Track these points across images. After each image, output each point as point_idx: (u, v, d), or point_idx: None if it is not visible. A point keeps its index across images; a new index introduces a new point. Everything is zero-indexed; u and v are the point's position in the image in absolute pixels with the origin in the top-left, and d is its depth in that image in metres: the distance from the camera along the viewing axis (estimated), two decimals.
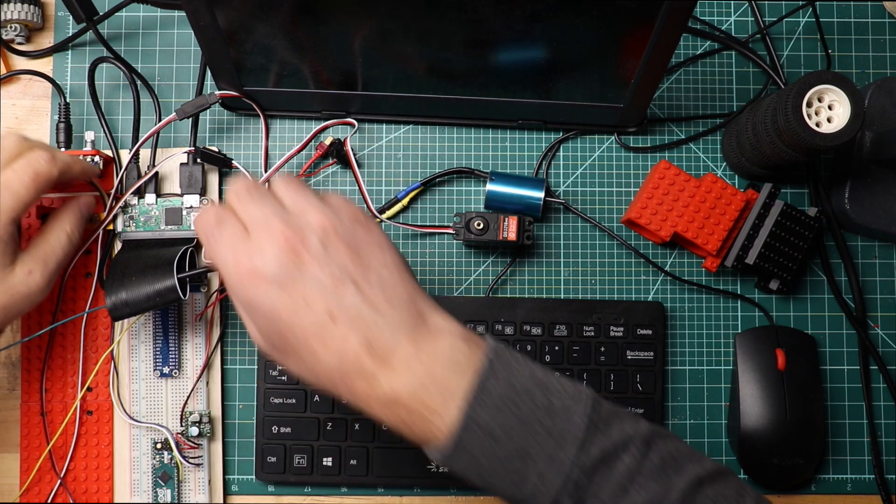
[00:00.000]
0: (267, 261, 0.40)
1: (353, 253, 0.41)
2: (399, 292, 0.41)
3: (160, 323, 0.58)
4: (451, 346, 0.40)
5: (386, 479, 0.58)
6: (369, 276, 0.41)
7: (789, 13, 0.62)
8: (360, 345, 0.39)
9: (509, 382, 0.40)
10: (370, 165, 0.61)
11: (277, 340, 0.41)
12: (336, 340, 0.39)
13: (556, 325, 0.59)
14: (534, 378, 0.41)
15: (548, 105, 0.57)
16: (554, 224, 0.61)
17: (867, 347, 0.60)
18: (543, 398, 0.40)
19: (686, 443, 0.43)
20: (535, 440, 0.39)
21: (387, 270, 0.42)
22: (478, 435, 0.39)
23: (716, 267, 0.59)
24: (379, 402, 0.40)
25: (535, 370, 0.41)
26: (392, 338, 0.40)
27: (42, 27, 0.61)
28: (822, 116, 0.52)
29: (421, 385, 0.39)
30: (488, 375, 0.40)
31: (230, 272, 0.41)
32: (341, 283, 0.40)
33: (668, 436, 0.42)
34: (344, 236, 0.41)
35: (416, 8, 0.47)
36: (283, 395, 0.58)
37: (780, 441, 0.57)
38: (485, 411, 0.39)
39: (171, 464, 0.57)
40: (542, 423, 0.39)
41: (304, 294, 0.39)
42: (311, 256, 0.40)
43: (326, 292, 0.40)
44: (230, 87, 0.56)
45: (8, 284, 0.49)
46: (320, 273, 0.40)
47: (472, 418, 0.39)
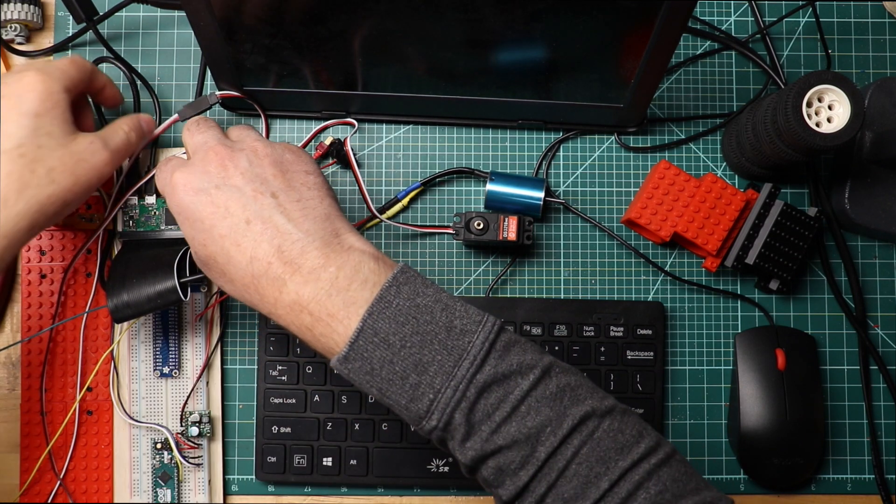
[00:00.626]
0: (196, 171, 0.45)
1: (278, 171, 0.45)
2: (317, 209, 0.45)
3: (160, 323, 0.58)
4: (360, 262, 0.43)
5: (386, 479, 0.58)
6: (289, 192, 0.45)
7: (789, 13, 0.62)
8: (270, 249, 0.42)
9: (412, 299, 0.42)
10: (370, 165, 0.61)
11: (202, 250, 0.44)
12: (249, 242, 0.43)
13: (556, 325, 0.59)
14: (438, 300, 0.42)
15: (548, 105, 0.57)
16: (554, 224, 0.61)
17: (867, 347, 0.60)
18: (445, 317, 0.41)
19: (593, 384, 0.43)
20: (432, 355, 0.41)
21: (308, 190, 0.45)
22: (374, 342, 0.41)
23: (716, 267, 0.59)
24: (285, 307, 0.42)
25: (443, 295, 0.43)
26: (302, 247, 0.43)
27: (42, 27, 0.61)
28: (822, 116, 0.52)
29: (325, 293, 0.42)
30: (390, 289, 0.41)
31: (165, 183, 0.46)
32: (261, 194, 0.44)
33: (572, 371, 0.43)
34: (272, 157, 0.46)
35: (417, 8, 0.47)
36: (283, 395, 0.58)
37: (780, 441, 0.57)
38: (384, 321, 0.41)
39: (171, 464, 0.57)
40: (440, 338, 0.41)
41: (225, 201, 0.44)
42: (237, 170, 0.44)
43: (246, 200, 0.43)
44: (230, 87, 0.56)
45: (73, 150, 0.47)
46: (243, 184, 0.44)
47: (371, 325, 0.41)
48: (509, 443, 0.40)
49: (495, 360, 0.41)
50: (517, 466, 0.40)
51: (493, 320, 0.42)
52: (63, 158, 0.46)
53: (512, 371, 0.41)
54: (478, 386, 0.40)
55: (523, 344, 0.43)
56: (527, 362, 0.41)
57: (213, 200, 0.44)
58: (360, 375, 0.41)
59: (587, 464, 0.40)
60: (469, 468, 0.42)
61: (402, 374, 0.41)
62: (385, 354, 0.41)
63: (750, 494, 0.60)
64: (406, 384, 0.41)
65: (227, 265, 0.44)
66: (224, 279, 0.45)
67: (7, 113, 0.45)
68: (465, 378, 0.40)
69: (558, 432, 0.40)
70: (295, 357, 0.58)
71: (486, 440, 0.40)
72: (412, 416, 0.41)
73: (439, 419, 0.40)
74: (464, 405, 0.40)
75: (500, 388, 0.40)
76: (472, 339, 0.41)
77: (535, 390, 0.41)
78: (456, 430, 0.41)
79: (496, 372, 0.40)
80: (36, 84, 0.46)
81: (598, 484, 0.39)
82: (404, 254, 0.61)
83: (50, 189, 0.46)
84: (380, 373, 0.41)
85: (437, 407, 0.40)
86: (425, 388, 0.40)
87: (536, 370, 0.41)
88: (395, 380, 0.41)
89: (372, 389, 0.42)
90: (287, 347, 0.58)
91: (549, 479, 0.40)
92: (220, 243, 0.43)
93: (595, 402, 0.41)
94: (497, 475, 0.41)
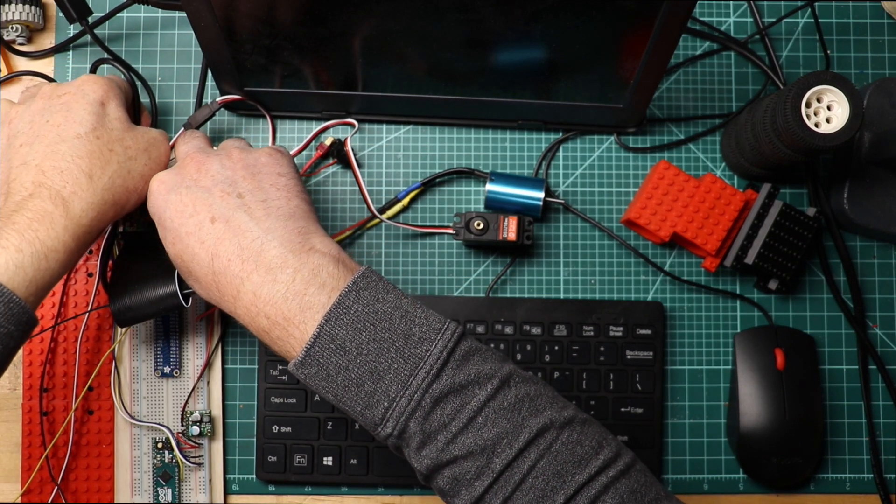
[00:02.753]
0: (171, 175, 0.47)
1: (249, 174, 0.46)
2: (282, 209, 0.45)
3: (161, 323, 0.58)
4: (319, 265, 0.42)
5: (386, 478, 0.58)
6: (256, 192, 0.45)
7: (788, 14, 0.62)
8: (231, 246, 0.43)
9: (371, 305, 0.41)
10: (370, 165, 0.62)
11: (171, 248, 0.46)
12: (211, 239, 0.43)
13: (556, 325, 0.59)
14: (399, 307, 0.42)
15: (548, 105, 0.57)
16: (554, 224, 0.61)
17: (866, 347, 0.60)
18: (403, 325, 0.41)
19: (554, 393, 0.43)
20: (388, 363, 0.40)
21: (276, 190, 0.46)
22: (330, 348, 0.41)
23: (715, 267, 0.59)
24: (243, 308, 0.43)
25: (404, 301, 0.42)
26: (261, 244, 0.43)
27: (43, 28, 0.61)
28: (821, 117, 0.53)
29: (281, 296, 0.42)
30: (349, 295, 0.41)
31: (149, 190, 0.47)
32: (228, 194, 0.45)
33: (532, 381, 0.43)
34: (245, 161, 0.47)
35: (417, 8, 0.47)
36: (283, 395, 0.58)
37: (780, 440, 0.58)
38: (341, 327, 0.41)
39: (171, 463, 0.57)
40: (398, 346, 0.41)
41: (192, 200, 0.45)
42: (208, 173, 0.46)
43: (212, 200, 0.44)
44: (231, 88, 0.56)
45: (142, 133, 0.50)
46: (211, 185, 0.45)
47: (327, 331, 0.41)
48: (465, 454, 0.40)
49: (453, 369, 0.40)
50: (472, 477, 0.40)
51: (453, 328, 0.42)
52: (136, 139, 0.49)
53: (469, 381, 0.40)
54: (433, 395, 0.40)
55: (484, 353, 0.42)
56: (485, 372, 0.41)
57: (181, 199, 0.45)
58: (316, 381, 0.41)
59: (543, 477, 0.40)
60: (425, 476, 0.42)
61: (358, 382, 0.41)
62: (341, 361, 0.41)
63: (749, 494, 0.60)
64: (361, 391, 0.41)
65: (192, 263, 0.44)
66: (191, 278, 0.45)
67: (75, 103, 0.48)
68: (420, 387, 0.40)
69: (514, 445, 0.40)
70: None
71: (442, 450, 0.40)
72: (367, 423, 0.41)
73: (394, 427, 0.40)
74: (419, 414, 0.40)
75: (457, 398, 0.40)
76: (429, 347, 0.41)
77: (492, 401, 0.40)
78: (411, 438, 0.40)
79: (453, 382, 0.40)
80: (95, 79, 0.50)
81: (554, 498, 0.39)
82: (404, 254, 0.61)
83: (129, 165, 0.48)
84: (335, 379, 0.41)
85: (391, 415, 0.40)
86: (380, 396, 0.40)
87: (495, 380, 0.41)
88: (350, 387, 0.41)
89: (328, 395, 0.42)
90: None
91: (505, 492, 0.40)
92: (186, 241, 0.44)
93: (554, 413, 0.41)
94: (452, 485, 0.41)
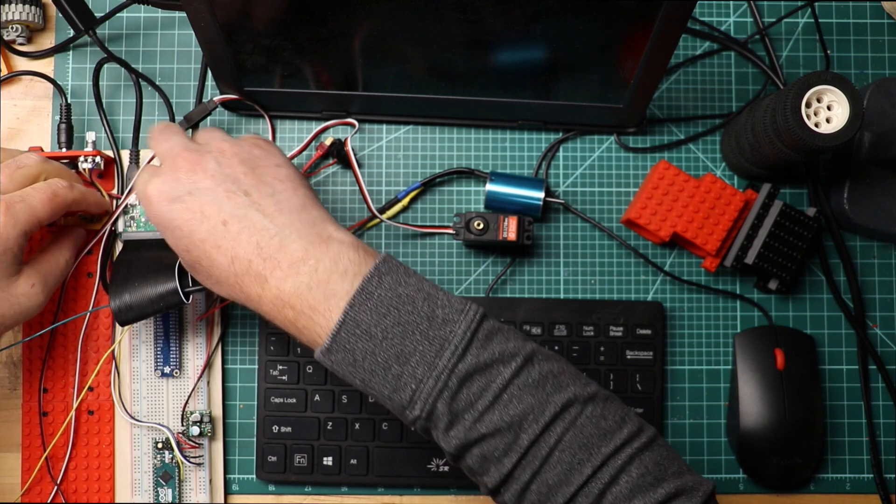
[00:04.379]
0: (167, 181, 0.45)
1: (248, 169, 0.45)
2: (291, 201, 0.45)
3: (161, 323, 0.58)
4: (340, 252, 0.43)
5: (386, 478, 0.58)
6: (261, 188, 0.45)
7: (788, 14, 0.62)
8: (250, 247, 0.43)
9: (394, 289, 0.42)
10: (370, 165, 0.62)
11: (186, 256, 0.45)
12: (228, 242, 0.43)
13: (556, 325, 0.59)
14: (421, 289, 0.42)
15: (548, 105, 0.58)
16: (554, 224, 0.61)
17: (866, 347, 0.60)
18: (426, 307, 0.42)
19: (576, 370, 0.43)
20: (414, 345, 0.41)
21: (280, 183, 0.45)
22: (356, 333, 0.41)
23: (715, 267, 0.59)
24: (269, 303, 0.43)
25: (425, 284, 0.43)
26: (280, 241, 0.43)
27: (43, 28, 0.61)
28: (821, 117, 0.53)
29: (306, 286, 0.42)
30: (372, 280, 0.41)
31: (141, 197, 0.46)
32: (234, 193, 0.44)
33: (554, 358, 0.43)
34: (240, 156, 0.46)
35: (417, 9, 0.47)
36: (283, 395, 0.58)
37: (780, 440, 0.58)
38: (365, 313, 0.41)
39: (172, 463, 0.57)
40: (422, 329, 0.41)
41: (199, 206, 0.43)
42: (207, 174, 0.44)
43: (219, 202, 0.44)
44: (230, 88, 0.56)
45: (11, 293, 0.50)
46: (215, 187, 0.44)
47: (352, 317, 0.41)
48: (492, 431, 0.40)
49: (477, 349, 0.41)
50: (501, 454, 0.41)
51: (475, 309, 0.42)
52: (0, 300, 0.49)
53: (494, 360, 0.41)
54: (459, 375, 0.40)
55: (506, 332, 0.43)
56: (509, 350, 0.42)
57: (187, 207, 0.44)
58: (344, 367, 0.42)
59: (570, 450, 0.40)
60: (454, 456, 0.42)
61: (385, 365, 0.41)
62: (367, 346, 0.41)
63: (749, 494, 0.60)
64: (388, 375, 0.41)
65: (211, 268, 0.44)
66: (211, 281, 0.45)
67: None
68: (446, 368, 0.40)
69: (541, 420, 0.40)
70: (295, 357, 0.59)
71: (470, 429, 0.41)
72: (395, 406, 0.42)
73: (422, 409, 0.41)
74: (446, 395, 0.40)
75: (483, 377, 0.41)
76: (454, 328, 0.41)
77: (517, 378, 0.41)
78: (439, 419, 0.41)
79: (478, 361, 0.41)
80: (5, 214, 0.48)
81: (582, 470, 0.40)
82: (404, 254, 0.61)
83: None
84: (362, 364, 0.41)
85: (419, 397, 0.41)
86: (407, 378, 0.41)
87: (519, 358, 0.41)
88: (377, 371, 0.41)
89: (355, 380, 0.42)
90: (287, 347, 0.59)
91: (533, 466, 0.40)
92: (202, 248, 0.44)
93: (577, 389, 0.42)
94: (481, 463, 0.41)
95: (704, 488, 0.41)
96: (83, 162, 0.56)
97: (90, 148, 0.58)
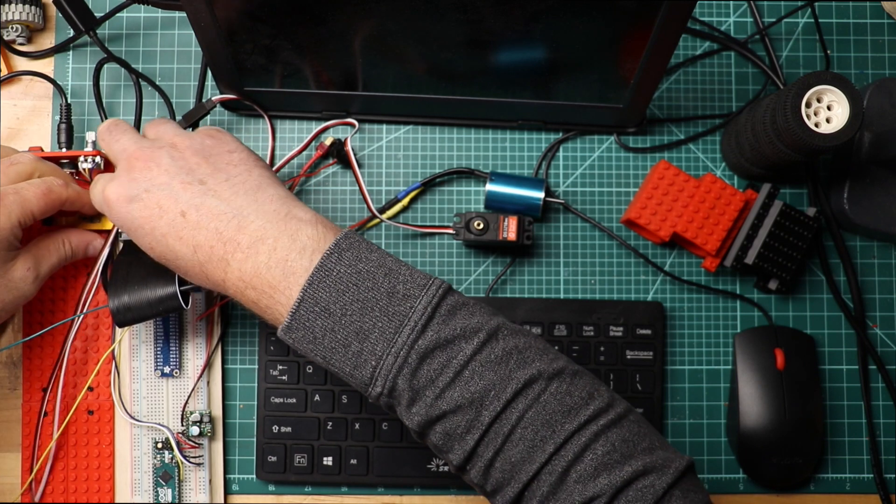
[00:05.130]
0: (123, 182, 0.45)
1: (202, 159, 0.45)
2: (247, 182, 0.45)
3: (161, 323, 0.58)
4: (298, 229, 0.43)
5: (386, 478, 0.58)
6: (216, 175, 0.45)
7: (788, 14, 0.62)
8: (209, 233, 0.43)
9: (353, 266, 0.41)
10: (370, 165, 0.62)
11: (152, 253, 0.45)
12: (188, 232, 0.43)
13: (556, 325, 0.59)
14: (382, 265, 0.42)
15: (548, 105, 0.58)
16: (554, 224, 0.61)
17: (866, 347, 0.60)
18: (387, 283, 0.41)
19: (545, 344, 0.43)
20: (373, 322, 0.41)
21: (234, 168, 0.45)
22: (315, 311, 0.41)
23: (715, 267, 0.59)
24: (232, 286, 0.43)
25: (388, 259, 0.42)
26: (238, 223, 0.43)
27: (43, 28, 0.61)
28: (821, 117, 0.53)
29: (265, 266, 0.42)
30: (331, 257, 0.41)
31: (101, 203, 0.46)
32: (189, 184, 0.44)
33: (522, 333, 0.43)
34: (193, 147, 0.46)
35: (417, 9, 0.47)
36: (283, 395, 0.58)
37: (780, 440, 0.58)
38: (324, 290, 0.41)
39: (171, 463, 0.57)
40: (381, 305, 0.41)
41: (157, 201, 0.44)
42: (161, 169, 0.45)
43: (176, 194, 0.44)
44: (231, 88, 0.56)
45: (8, 279, 0.50)
46: (169, 181, 0.44)
47: (311, 295, 0.41)
48: (453, 408, 0.40)
49: (438, 324, 0.41)
50: (463, 431, 0.40)
51: (438, 283, 0.42)
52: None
53: (455, 335, 0.41)
54: (419, 352, 0.40)
55: (471, 307, 0.42)
56: (472, 326, 0.41)
57: (145, 204, 0.44)
58: (304, 344, 0.42)
59: (532, 427, 0.40)
60: (418, 434, 0.42)
61: (344, 342, 0.41)
62: (326, 323, 0.41)
63: (749, 494, 0.60)
64: (348, 352, 0.41)
65: (177, 260, 0.44)
66: (180, 273, 0.46)
67: None
68: (405, 344, 0.40)
69: (502, 396, 0.40)
70: (295, 357, 0.59)
71: (431, 405, 0.40)
72: (358, 384, 0.42)
73: (383, 386, 0.41)
74: (406, 371, 0.40)
75: (444, 353, 0.40)
76: (413, 304, 0.41)
77: (479, 354, 0.41)
78: (401, 395, 0.41)
79: (438, 337, 0.40)
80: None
81: (544, 447, 0.40)
82: (404, 254, 0.61)
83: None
84: (322, 341, 0.41)
85: (379, 374, 0.41)
86: (367, 355, 0.41)
87: (482, 334, 0.41)
88: (337, 348, 0.41)
89: (317, 358, 0.42)
90: (287, 347, 0.59)
91: (496, 443, 0.40)
92: (164, 242, 0.44)
93: (542, 365, 0.41)
94: (445, 440, 0.41)
95: (677, 464, 0.40)
96: (83, 162, 0.56)
97: (90, 148, 0.58)
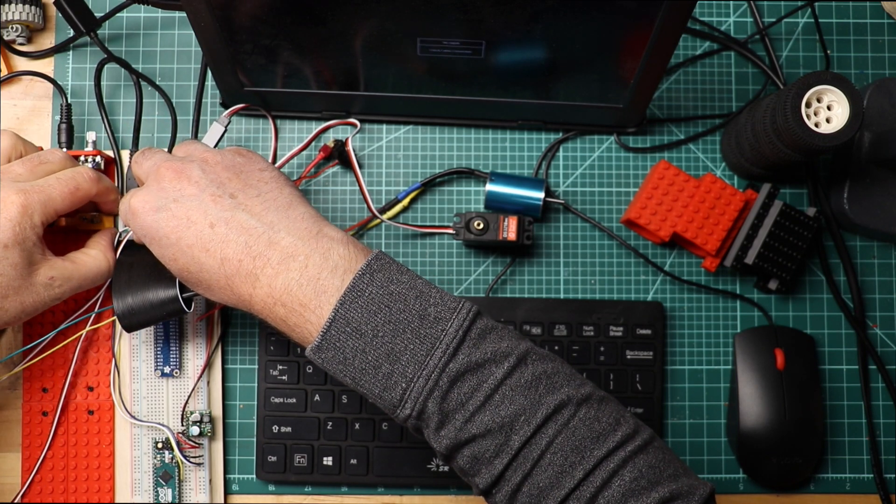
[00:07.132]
0: (152, 192, 0.45)
1: (233, 174, 0.45)
2: (278, 199, 0.45)
3: (161, 323, 0.58)
4: (329, 248, 0.42)
5: (386, 478, 0.58)
6: (247, 190, 0.45)
7: (788, 14, 0.62)
8: (238, 247, 0.42)
9: (385, 287, 0.41)
10: (371, 166, 0.62)
11: (174, 264, 0.44)
12: (216, 245, 0.43)
13: (556, 324, 0.59)
14: (413, 287, 0.42)
15: (547, 105, 0.58)
16: (554, 224, 0.61)
17: (866, 347, 0.60)
18: (418, 305, 0.41)
19: (572, 370, 0.43)
20: (405, 344, 0.41)
21: (265, 184, 0.45)
22: (346, 331, 0.41)
23: (715, 267, 0.59)
24: (260, 302, 0.43)
25: (418, 282, 0.42)
26: (269, 238, 0.42)
27: (43, 28, 0.61)
28: (821, 117, 0.53)
29: (296, 282, 0.42)
30: (363, 277, 0.41)
31: (126, 212, 0.46)
32: (219, 197, 0.44)
33: (549, 358, 0.43)
34: (223, 163, 0.46)
35: (417, 9, 0.47)
36: (283, 395, 0.58)
37: (780, 440, 0.58)
38: (356, 310, 0.41)
39: (172, 463, 0.57)
40: (413, 327, 0.41)
41: (185, 212, 0.43)
42: (191, 181, 0.44)
43: (205, 206, 0.43)
44: (230, 88, 0.56)
45: (31, 282, 0.49)
46: (199, 192, 0.44)
47: (343, 315, 0.41)
48: (483, 432, 0.40)
49: (469, 348, 0.41)
50: (492, 455, 0.40)
51: (468, 307, 0.42)
52: (19, 290, 0.48)
53: (486, 359, 0.41)
54: (450, 375, 0.40)
55: (500, 331, 0.42)
56: (502, 350, 0.41)
57: (173, 214, 0.43)
58: (334, 365, 0.42)
59: (562, 453, 0.40)
60: (445, 457, 0.42)
61: (375, 364, 0.41)
62: (357, 344, 0.41)
63: (749, 494, 0.60)
64: (379, 374, 0.41)
65: (201, 273, 0.43)
66: (202, 287, 0.45)
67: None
68: (437, 367, 0.40)
69: (532, 421, 0.40)
70: (295, 357, 0.59)
71: (460, 429, 0.40)
72: (386, 405, 0.42)
73: (412, 408, 0.40)
74: (436, 394, 0.40)
75: (474, 377, 0.40)
76: (445, 327, 0.41)
77: (509, 378, 0.41)
78: (430, 418, 0.41)
79: (470, 360, 0.40)
80: (13, 214, 0.47)
81: (573, 473, 0.40)
82: (404, 254, 0.61)
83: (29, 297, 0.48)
84: (352, 362, 0.41)
85: (409, 396, 0.40)
86: (398, 377, 0.41)
87: (512, 358, 0.41)
88: (367, 369, 0.41)
89: (346, 379, 0.42)
90: (287, 347, 0.59)
91: (524, 468, 0.40)
92: (189, 253, 0.43)
93: (571, 390, 0.41)
94: (472, 464, 0.41)
95: (701, 492, 0.41)
96: (84, 162, 0.56)
97: (90, 148, 0.58)
